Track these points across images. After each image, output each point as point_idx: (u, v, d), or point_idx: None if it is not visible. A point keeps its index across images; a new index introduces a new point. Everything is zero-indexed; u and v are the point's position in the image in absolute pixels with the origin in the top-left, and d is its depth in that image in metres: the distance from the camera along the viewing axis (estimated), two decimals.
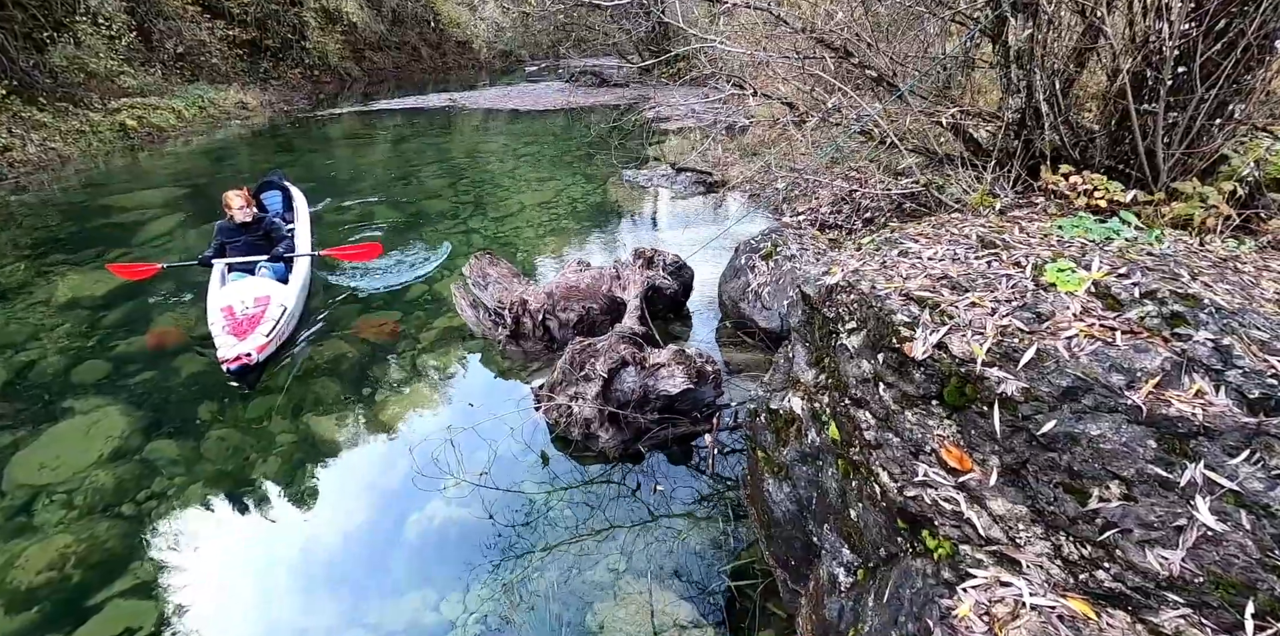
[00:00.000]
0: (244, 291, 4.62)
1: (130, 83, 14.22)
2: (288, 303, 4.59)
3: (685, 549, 2.96)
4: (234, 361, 3.87)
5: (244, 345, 4.00)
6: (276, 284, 4.79)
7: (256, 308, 4.45)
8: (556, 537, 3.00)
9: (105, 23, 13.94)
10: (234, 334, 4.20)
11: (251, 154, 12.07)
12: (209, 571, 2.92)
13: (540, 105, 15.74)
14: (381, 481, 3.36)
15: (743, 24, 5.88)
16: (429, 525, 3.12)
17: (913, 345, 1.64)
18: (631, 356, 3.49)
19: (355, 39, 24.13)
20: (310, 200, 7.84)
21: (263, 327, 4.26)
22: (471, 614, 2.68)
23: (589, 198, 7.87)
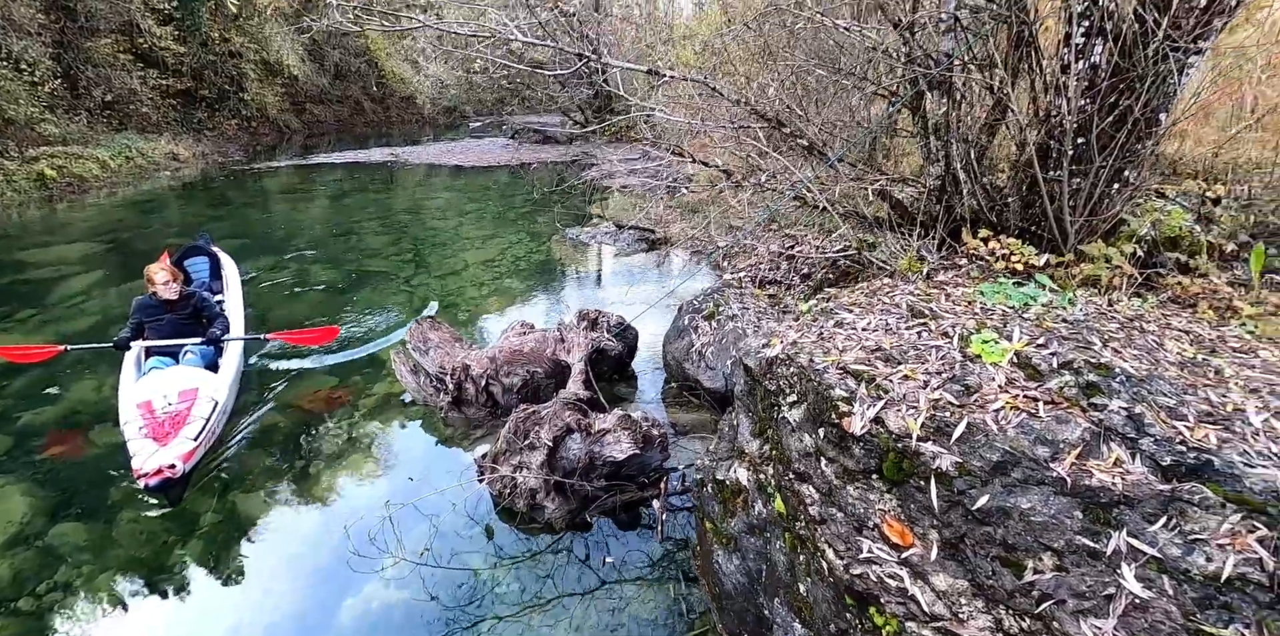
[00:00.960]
0: (166, 383, 3.97)
1: (52, 131, 13.72)
2: (219, 395, 3.97)
3: (638, 618, 2.86)
4: (154, 475, 3.25)
5: (166, 454, 3.40)
6: (205, 373, 4.17)
7: (181, 403, 3.82)
8: (504, 613, 2.87)
9: (28, 69, 13.56)
10: (153, 437, 3.57)
11: (182, 207, 11.71)
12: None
13: (484, 161, 15.94)
14: (315, 563, 3.15)
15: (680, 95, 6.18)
16: (366, 608, 2.93)
17: (851, 420, 1.69)
18: (577, 423, 3.45)
19: (296, 91, 24.08)
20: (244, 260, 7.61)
21: (189, 429, 3.64)
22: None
23: (533, 256, 7.92)
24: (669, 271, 7.42)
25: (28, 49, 13.43)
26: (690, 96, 5.03)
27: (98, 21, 16.09)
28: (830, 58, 5.29)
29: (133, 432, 3.64)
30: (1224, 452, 1.47)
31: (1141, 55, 2.96)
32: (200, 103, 19.96)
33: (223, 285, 5.82)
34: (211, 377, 4.14)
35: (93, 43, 16.15)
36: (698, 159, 4.47)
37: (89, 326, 5.87)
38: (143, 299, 4.53)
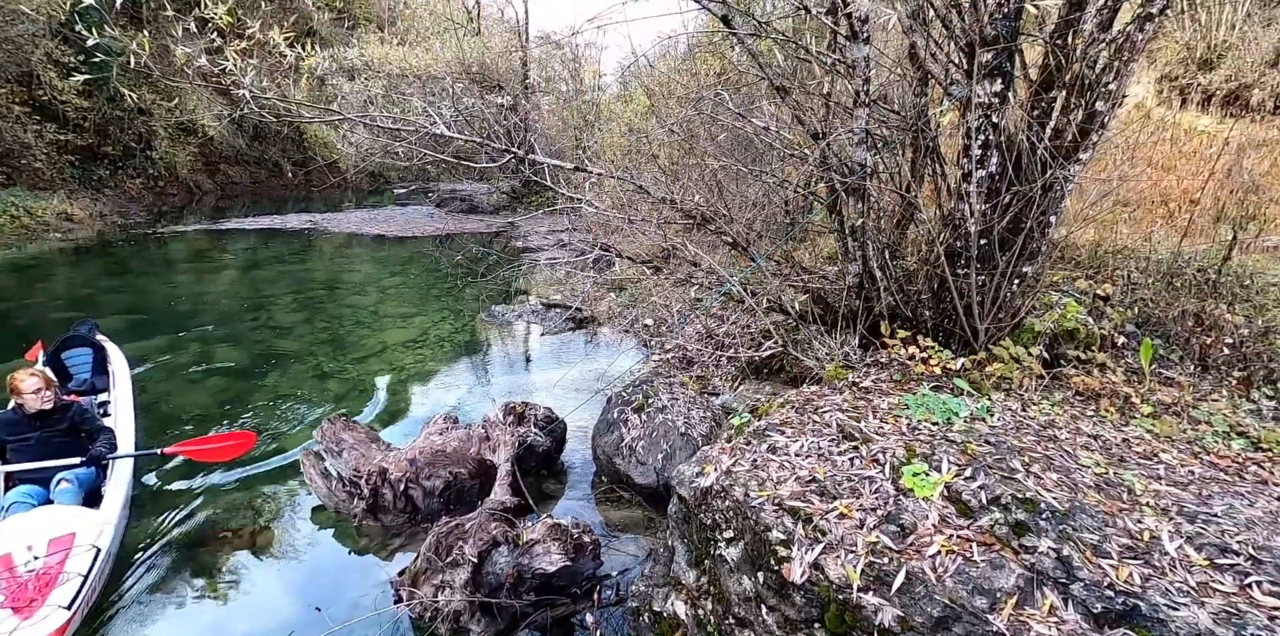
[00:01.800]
0: (31, 530, 3.22)
1: None
2: (102, 540, 3.24)
3: None
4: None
5: (30, 634, 2.71)
6: (82, 512, 3.42)
7: (52, 556, 3.09)
8: None
9: None
10: (11, 605, 2.85)
11: (72, 274, 10.88)
12: None
13: (408, 230, 15.74)
14: None
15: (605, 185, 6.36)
16: None
17: (790, 567, 1.65)
18: (503, 535, 3.26)
19: (210, 151, 23.23)
20: (140, 339, 7.04)
21: (60, 594, 2.91)
22: None
23: (456, 336, 7.72)
24: (597, 351, 7.38)
25: None
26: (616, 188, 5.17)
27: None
28: (753, 151, 5.61)
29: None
30: (1148, 595, 1.51)
31: (1031, 166, 3.28)
32: (102, 160, 18.93)
33: (108, 382, 5.10)
34: (92, 516, 3.40)
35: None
36: (624, 255, 4.55)
37: None
38: (4, 413, 3.84)
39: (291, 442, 4.89)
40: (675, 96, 6.84)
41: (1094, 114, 3.05)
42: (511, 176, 14.01)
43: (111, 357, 5.35)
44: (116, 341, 5.84)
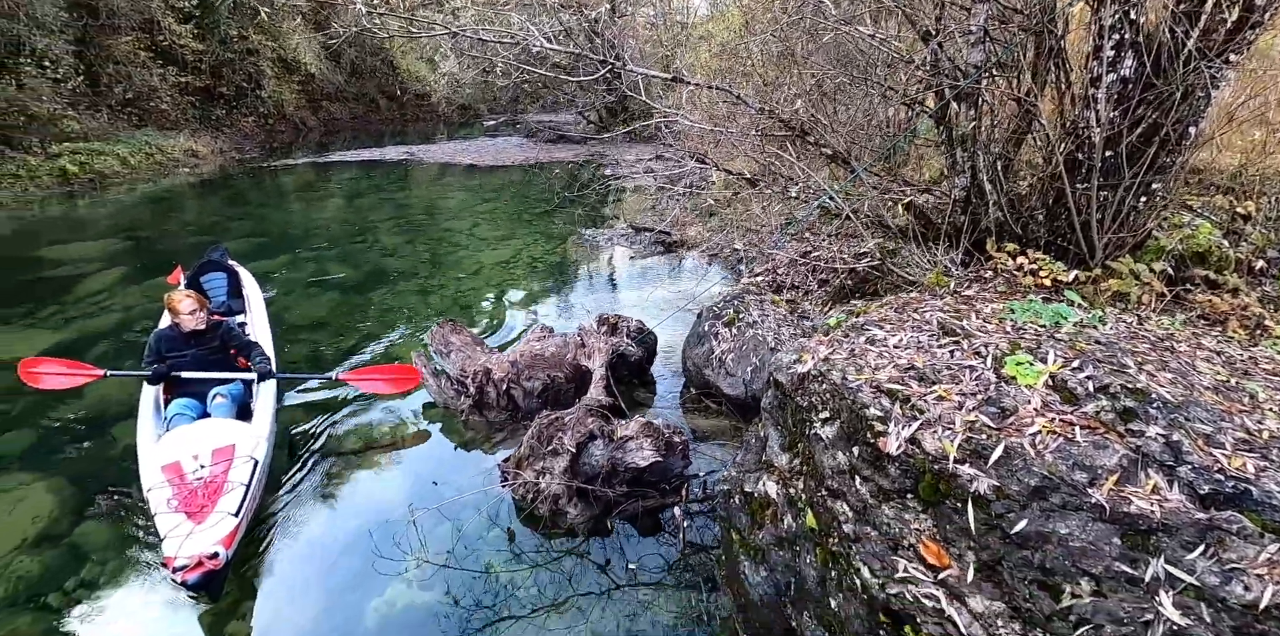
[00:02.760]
0: (196, 440, 3.40)
1: (74, 127, 13.89)
2: (258, 452, 3.40)
3: (658, 622, 2.89)
4: (194, 569, 2.69)
5: (203, 538, 2.85)
6: (239, 425, 3.58)
7: (216, 466, 3.25)
8: (525, 615, 2.91)
9: (51, 65, 13.73)
10: (185, 511, 3.02)
11: (200, 205, 11.85)
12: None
13: (498, 160, 16.00)
14: (340, 566, 3.20)
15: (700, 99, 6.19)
16: (390, 611, 2.98)
17: (887, 440, 1.71)
18: (599, 429, 3.49)
19: (312, 89, 24.20)
20: (263, 258, 7.70)
21: (227, 501, 3.06)
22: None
23: (548, 257, 7.96)
24: (685, 275, 7.44)
25: (51, 46, 13.59)
26: (712, 102, 5.04)
27: (119, 19, 16.24)
28: (854, 65, 5.31)
29: (160, 504, 3.08)
30: (1262, 482, 1.49)
31: (1172, 68, 2.97)
32: (219, 100, 20.09)
33: (243, 304, 5.30)
34: (248, 430, 3.56)
35: (113, 40, 16.31)
36: (720, 166, 4.49)
37: (111, 325, 5.98)
38: (162, 330, 4.02)
39: (401, 349, 5.31)
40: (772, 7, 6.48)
41: (1252, 5, 2.70)
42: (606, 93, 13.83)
43: (244, 281, 5.59)
44: (243, 262, 6.37)
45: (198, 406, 3.83)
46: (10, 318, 6.06)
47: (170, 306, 3.91)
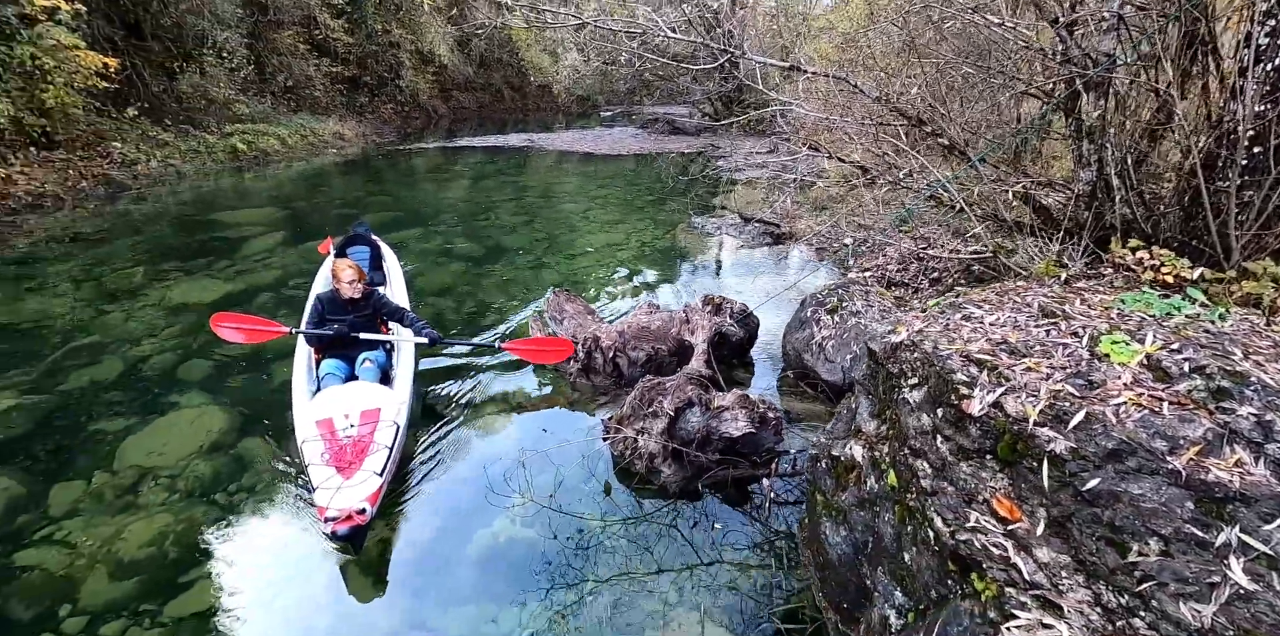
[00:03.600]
0: (346, 401, 3.69)
1: (243, 110, 15.67)
2: (400, 417, 3.64)
3: (737, 588, 3.08)
4: (343, 522, 2.93)
5: (352, 494, 3.10)
6: (384, 390, 3.85)
7: (364, 427, 3.50)
8: (612, 565, 3.18)
9: (228, 56, 15.50)
10: (336, 466, 3.28)
11: (345, 181, 13.10)
12: (288, 562, 3.22)
13: (614, 149, 16.54)
14: (455, 495, 3.63)
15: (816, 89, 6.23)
16: (494, 541, 3.36)
17: (970, 403, 1.84)
18: (697, 397, 3.72)
19: (444, 79, 25.93)
20: (397, 230, 8.49)
21: (372, 461, 3.31)
22: (526, 630, 2.85)
23: (658, 242, 8.26)
24: (791, 266, 7.52)
25: (228, 40, 15.33)
26: (828, 92, 5.09)
27: (283, 15, 18.08)
28: (978, 54, 5.19)
29: (314, 456, 3.37)
30: None
31: None
32: (363, 88, 21.99)
33: (384, 277, 5.70)
34: (390, 396, 3.82)
35: (278, 34, 18.18)
36: (833, 154, 4.58)
37: (273, 279, 6.89)
38: (324, 293, 4.39)
39: (516, 317, 5.79)
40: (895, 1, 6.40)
41: None
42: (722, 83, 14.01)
43: (385, 255, 5.99)
44: (381, 233, 7.07)
45: (346, 368, 4.17)
46: (193, 269, 7.10)
47: (335, 274, 4.29)
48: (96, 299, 6.38)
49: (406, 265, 7.07)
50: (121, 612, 2.92)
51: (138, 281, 6.82)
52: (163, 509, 3.50)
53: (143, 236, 8.52)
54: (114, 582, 3.06)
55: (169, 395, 4.59)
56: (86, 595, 2.99)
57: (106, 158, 11.56)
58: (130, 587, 3.04)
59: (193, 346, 5.31)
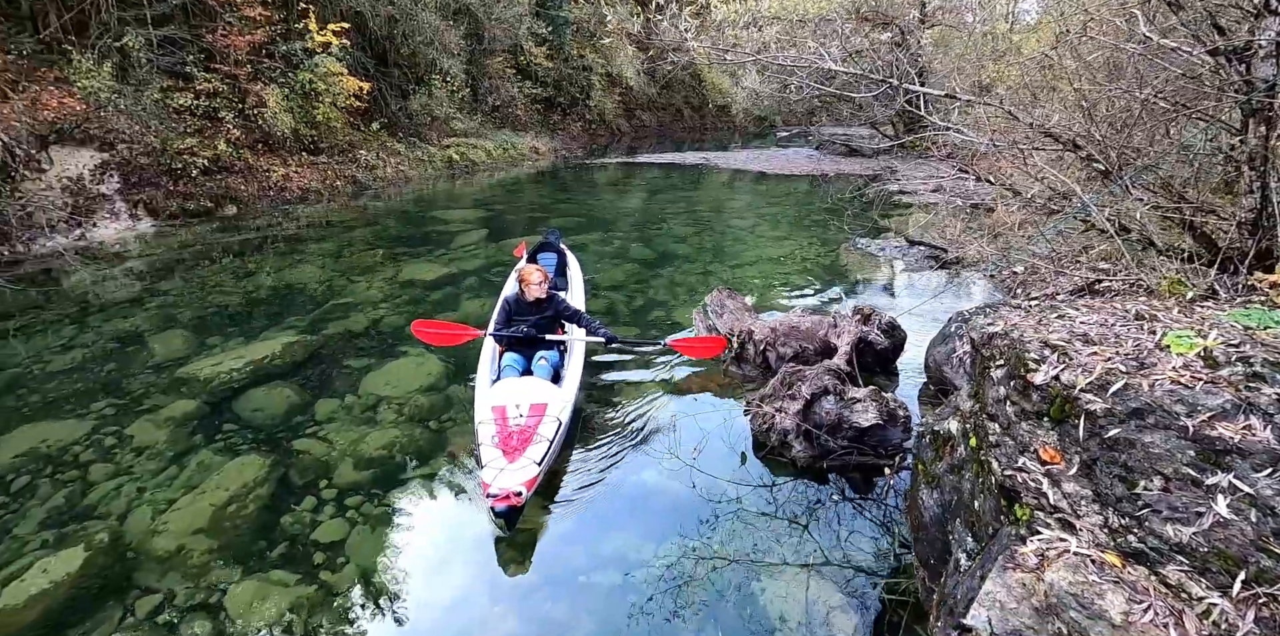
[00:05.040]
0: (520, 392, 4.22)
1: (459, 126, 18.41)
2: (563, 415, 4.12)
3: (849, 554, 3.53)
4: (502, 500, 3.35)
5: (512, 476, 3.55)
6: (553, 388, 4.36)
7: (531, 418, 4.00)
8: (737, 519, 3.78)
9: (450, 80, 18.29)
10: (503, 449, 3.78)
11: (537, 190, 15.09)
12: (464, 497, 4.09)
13: (787, 169, 17.22)
14: (614, 447, 4.50)
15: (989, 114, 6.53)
16: (643, 489, 4.10)
17: (1035, 375, 2.38)
18: (833, 386, 4.30)
19: (629, 99, 28.22)
20: (580, 233, 9.87)
21: (534, 450, 3.78)
22: (659, 561, 3.51)
23: (820, 259, 8.83)
24: (952, 291, 7.73)
25: (452, 66, 18.10)
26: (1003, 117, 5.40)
27: (496, 44, 20.94)
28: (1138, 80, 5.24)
29: (486, 437, 3.89)
30: None
31: None
32: (556, 108, 24.67)
33: (567, 283, 6.35)
34: (558, 392, 4.31)
35: (490, 61, 21.06)
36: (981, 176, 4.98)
37: (476, 266, 8.53)
38: (511, 295, 4.96)
39: (678, 314, 6.69)
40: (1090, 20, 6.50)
41: None
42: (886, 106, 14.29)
43: (570, 263, 6.74)
44: (566, 234, 8.46)
45: (523, 362, 4.76)
46: (417, 254, 9.05)
47: (523, 277, 4.85)
48: (347, 271, 8.43)
49: (587, 264, 8.30)
50: (359, 492, 4.04)
51: (376, 260, 8.85)
52: (392, 425, 4.75)
53: (379, 226, 10.89)
54: (355, 471, 4.25)
55: (399, 345, 6.05)
56: (337, 476, 4.19)
57: (355, 163, 14.42)
58: (366, 476, 4.20)
59: (416, 312, 6.90)
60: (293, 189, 12.59)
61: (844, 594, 3.32)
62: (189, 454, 4.42)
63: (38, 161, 9.32)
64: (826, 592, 3.32)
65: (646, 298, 7.29)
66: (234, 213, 11.48)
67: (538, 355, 4.80)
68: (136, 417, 4.84)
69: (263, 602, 3.23)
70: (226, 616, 3.17)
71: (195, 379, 5.37)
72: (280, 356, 5.77)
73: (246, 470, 4.20)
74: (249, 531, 3.74)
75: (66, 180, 9.67)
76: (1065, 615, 1.84)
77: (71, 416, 4.88)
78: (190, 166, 11.10)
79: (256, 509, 3.91)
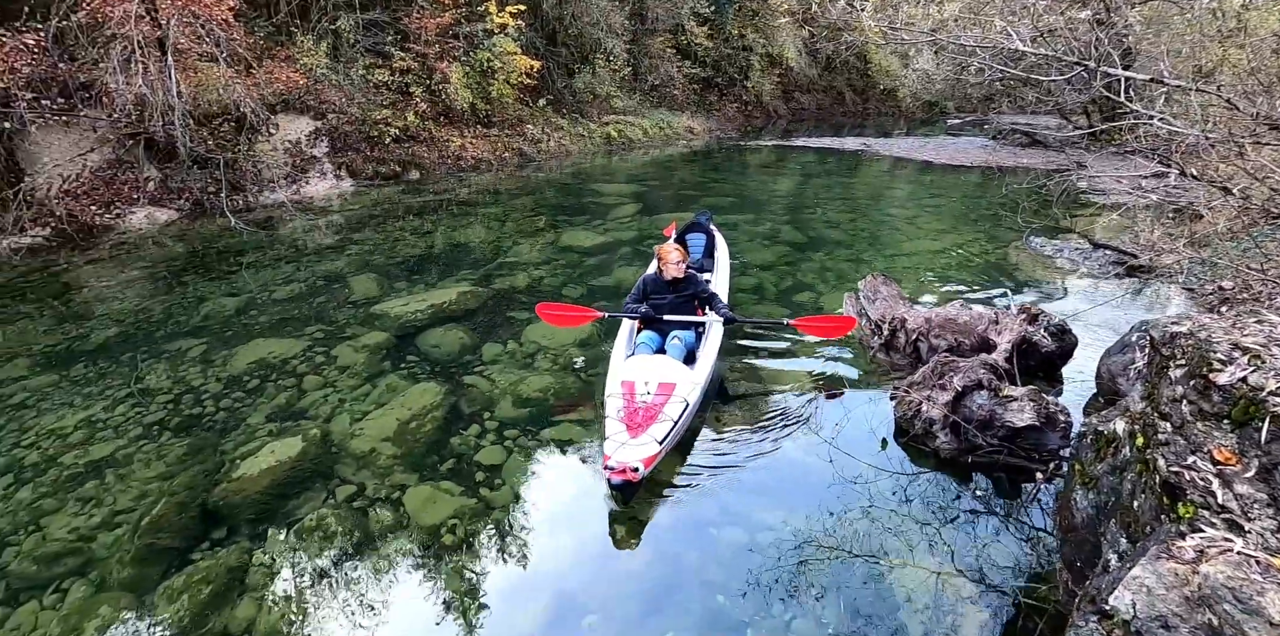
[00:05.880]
0: (650, 370, 4.31)
1: (618, 104, 19.11)
2: (691, 397, 4.14)
3: (988, 554, 3.45)
4: (619, 473, 3.45)
5: (632, 451, 3.63)
6: (684, 369, 4.40)
7: (658, 397, 4.07)
8: (870, 506, 3.83)
9: (613, 59, 18.95)
10: (627, 424, 3.87)
11: (689, 169, 15.47)
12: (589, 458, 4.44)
13: (956, 160, 16.34)
14: (752, 421, 4.69)
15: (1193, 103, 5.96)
16: (780, 459, 4.27)
17: (1219, 375, 2.35)
18: (988, 381, 4.22)
19: (788, 81, 27.74)
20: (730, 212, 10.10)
21: (657, 429, 3.83)
22: (786, 531, 3.66)
23: (985, 256, 8.45)
24: (1140, 303, 7.16)
25: (615, 46, 18.71)
26: (1224, 107, 4.92)
27: (658, 24, 21.38)
28: None
29: (613, 410, 4.01)
30: None
31: None
32: (713, 88, 24.82)
33: (713, 264, 6.43)
34: (689, 374, 4.33)
35: (651, 40, 21.54)
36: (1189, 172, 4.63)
37: (629, 238, 9.08)
38: (650, 275, 5.11)
39: (826, 298, 6.78)
40: None
41: None
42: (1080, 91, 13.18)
43: (718, 245, 6.82)
44: (715, 211, 8.74)
45: (658, 341, 4.89)
46: (575, 222, 9.84)
47: (661, 255, 5.00)
48: (513, 234, 9.37)
49: (737, 244, 8.53)
50: (516, 426, 4.58)
51: (538, 226, 9.77)
52: (548, 372, 5.29)
53: (541, 195, 11.88)
54: (514, 408, 4.79)
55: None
56: (498, 411, 4.77)
57: (522, 136, 15.53)
58: (523, 413, 4.72)
59: (573, 275, 7.62)
60: (467, 158, 14.02)
61: (975, 593, 3.24)
62: (380, 376, 5.28)
63: (269, 127, 11.16)
64: (956, 589, 3.27)
65: (795, 279, 7.40)
66: (417, 177, 13.16)
67: (672, 334, 4.89)
68: (339, 342, 5.85)
69: (433, 505, 3.83)
70: (405, 511, 3.79)
71: (386, 315, 6.34)
72: (455, 303, 6.62)
73: (425, 395, 4.91)
74: (425, 445, 4.40)
75: (287, 143, 11.82)
76: (1218, 607, 1.89)
77: (290, 336, 6.00)
78: (384, 135, 12.96)
79: (432, 428, 4.58)
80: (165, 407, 4.91)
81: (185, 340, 6.04)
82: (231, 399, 5.01)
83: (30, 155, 9.28)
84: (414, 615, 3.19)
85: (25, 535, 3.68)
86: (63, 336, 6.23)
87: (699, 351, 4.87)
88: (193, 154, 10.17)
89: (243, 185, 10.77)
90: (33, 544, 3.61)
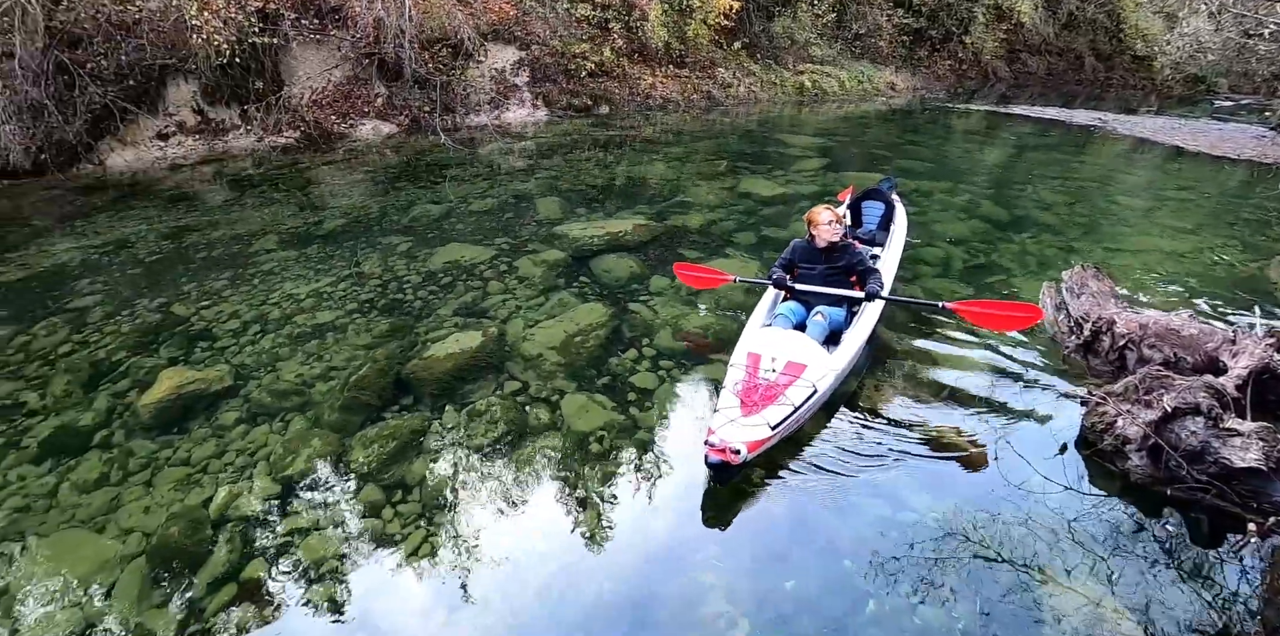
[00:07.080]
0: (781, 346, 3.82)
1: (817, 53, 18.01)
2: (822, 384, 3.64)
3: (1159, 601, 2.99)
4: (718, 450, 3.10)
5: (739, 431, 3.23)
6: (820, 352, 3.83)
7: (783, 376, 3.61)
8: (1030, 516, 3.41)
9: (817, 4, 17.72)
10: (742, 400, 3.46)
11: (884, 128, 14.34)
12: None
13: (1218, 149, 13.66)
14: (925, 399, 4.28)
15: None
16: (940, 443, 3.87)
17: None
18: (1207, 408, 3.57)
19: (1015, 39, 24.39)
20: (924, 178, 9.28)
21: (773, 412, 3.39)
22: (940, 519, 3.37)
23: (1236, 266, 6.99)
24: None
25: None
26: None
27: None
28: None
29: (730, 381, 3.62)
30: None
31: None
32: (925, 42, 22.49)
33: (887, 237, 5.62)
34: (825, 359, 3.79)
35: None
36: None
37: (811, 192, 8.73)
38: (799, 241, 4.53)
39: (1020, 283, 6.07)
40: None
41: None
42: None
43: (896, 216, 5.90)
44: (906, 177, 8.27)
45: (801, 314, 4.33)
46: (756, 170, 9.60)
47: (810, 218, 4.39)
48: (691, 175, 9.37)
49: (928, 212, 7.83)
50: (671, 358, 4.71)
51: (718, 170, 9.63)
52: (709, 312, 5.35)
53: (724, 140, 11.63)
54: (672, 340, 4.93)
55: (725, 248, 6.76)
56: (657, 340, 4.94)
57: (712, 79, 15.19)
58: (680, 346, 4.85)
59: (747, 222, 7.55)
60: (656, 97, 14.03)
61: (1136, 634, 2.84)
62: (554, 291, 5.73)
63: (480, 54, 12.10)
64: (1114, 625, 2.86)
65: (987, 259, 6.65)
66: (606, 112, 13.54)
67: (815, 309, 4.31)
68: (522, 255, 6.40)
69: (586, 413, 4.11)
70: (560, 414, 4.12)
71: (565, 236, 6.79)
72: (629, 234, 6.86)
73: (592, 314, 5.22)
74: (586, 359, 4.71)
75: (494, 71, 12.80)
76: None
77: (480, 244, 6.69)
78: (580, 69, 13.38)
79: (595, 345, 4.87)
80: (375, 290, 5.73)
81: (395, 237, 6.95)
82: (428, 291, 5.71)
83: (289, 69, 11.19)
84: (548, 510, 3.44)
85: (265, 373, 4.53)
86: (303, 221, 7.50)
87: (846, 333, 4.22)
88: (415, 75, 11.57)
89: (453, 107, 12.11)
90: (270, 379, 4.45)
